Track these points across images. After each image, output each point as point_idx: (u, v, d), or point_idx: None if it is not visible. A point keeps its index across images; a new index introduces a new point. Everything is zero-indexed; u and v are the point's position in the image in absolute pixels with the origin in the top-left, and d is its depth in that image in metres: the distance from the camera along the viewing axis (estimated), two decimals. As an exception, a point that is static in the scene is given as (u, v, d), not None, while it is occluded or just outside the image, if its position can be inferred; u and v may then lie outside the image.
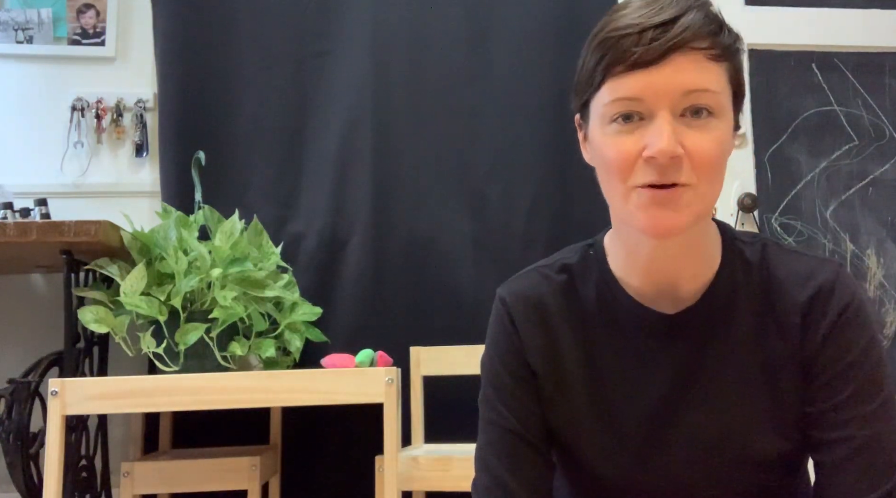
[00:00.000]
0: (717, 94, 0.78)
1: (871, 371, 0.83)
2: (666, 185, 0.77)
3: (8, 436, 1.66)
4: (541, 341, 0.92)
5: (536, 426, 0.92)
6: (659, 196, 0.77)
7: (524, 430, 0.91)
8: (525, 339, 0.93)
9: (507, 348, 0.94)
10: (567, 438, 0.93)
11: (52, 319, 1.92)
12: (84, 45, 2.22)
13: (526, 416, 0.92)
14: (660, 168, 0.76)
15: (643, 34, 0.76)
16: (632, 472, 0.90)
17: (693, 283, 0.87)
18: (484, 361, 0.97)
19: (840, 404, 0.83)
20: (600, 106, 0.81)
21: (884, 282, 2.26)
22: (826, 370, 0.84)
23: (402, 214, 2.13)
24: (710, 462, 0.87)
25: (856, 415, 0.82)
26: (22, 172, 2.16)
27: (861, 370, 0.83)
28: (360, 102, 2.15)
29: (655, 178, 0.77)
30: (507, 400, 0.92)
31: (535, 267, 0.97)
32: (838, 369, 0.83)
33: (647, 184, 0.77)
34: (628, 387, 0.89)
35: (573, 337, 0.92)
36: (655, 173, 0.77)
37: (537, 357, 0.92)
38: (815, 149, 2.30)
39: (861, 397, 0.82)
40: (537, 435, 0.92)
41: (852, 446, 0.82)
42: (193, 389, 1.53)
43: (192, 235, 1.77)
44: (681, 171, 0.77)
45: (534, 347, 0.92)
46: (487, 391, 0.95)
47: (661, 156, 0.75)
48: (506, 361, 0.93)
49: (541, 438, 0.92)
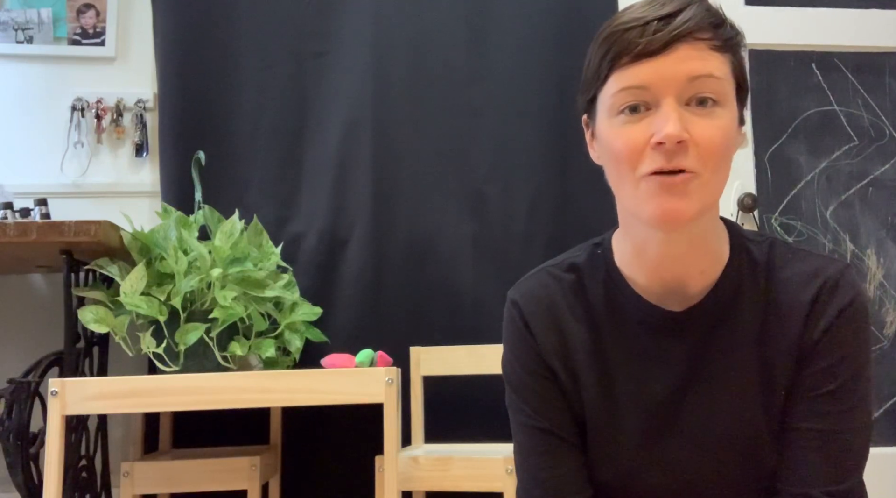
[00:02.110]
0: (721, 81, 0.80)
1: (858, 371, 0.85)
2: (673, 172, 0.78)
3: (8, 436, 1.66)
4: (554, 340, 0.94)
5: (564, 421, 0.93)
6: (667, 182, 0.78)
7: (553, 426, 0.93)
8: (539, 339, 0.94)
9: (523, 350, 0.95)
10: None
11: (52, 319, 1.92)
12: (84, 45, 2.22)
13: (552, 412, 0.93)
14: (667, 153, 0.78)
15: (647, 26, 0.79)
16: (636, 468, 0.90)
17: (700, 280, 0.88)
18: (503, 364, 0.98)
19: (820, 397, 0.84)
20: (607, 98, 0.82)
21: (884, 282, 2.26)
22: (816, 363, 0.85)
23: (402, 214, 2.13)
24: (713, 458, 0.88)
25: (832, 410, 0.84)
26: (22, 172, 2.16)
27: (849, 368, 0.84)
28: (360, 102, 2.15)
29: (662, 164, 0.78)
30: (530, 399, 0.94)
31: (544, 267, 0.99)
32: (827, 364, 0.85)
33: (655, 170, 0.78)
34: (635, 383, 0.90)
35: (583, 335, 0.93)
36: (662, 159, 0.78)
37: (552, 356, 0.93)
38: (815, 149, 2.30)
39: (841, 394, 0.84)
40: (567, 429, 0.93)
41: (822, 438, 0.84)
42: (193, 389, 1.53)
43: (192, 235, 1.76)
44: (687, 157, 0.78)
45: (548, 347, 0.94)
46: (511, 395, 0.97)
47: (669, 140, 0.77)
48: (524, 362, 0.95)
49: (571, 431, 0.93)
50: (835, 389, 0.84)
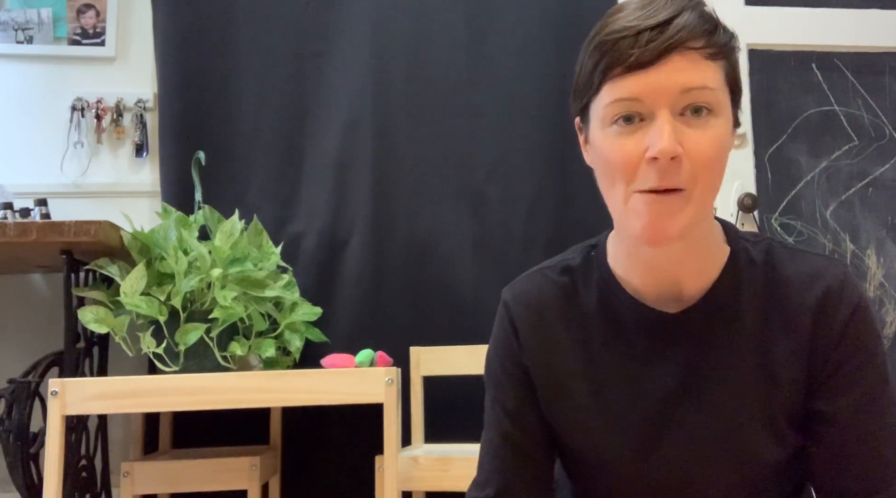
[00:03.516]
0: (714, 92, 0.79)
1: (880, 369, 0.85)
2: (666, 190, 0.78)
3: (8, 436, 1.66)
4: (540, 345, 0.93)
5: (532, 429, 0.94)
6: (656, 202, 0.78)
7: (518, 432, 0.94)
8: (524, 342, 0.94)
9: (505, 351, 0.96)
10: (569, 439, 0.93)
11: (52, 319, 1.92)
12: (84, 45, 2.22)
13: (521, 418, 0.94)
14: (660, 170, 0.77)
15: (639, 36, 0.77)
16: (632, 471, 0.90)
17: (696, 282, 0.88)
18: (486, 359, 0.99)
19: (848, 404, 0.84)
20: (600, 108, 0.81)
21: (884, 282, 2.26)
22: (838, 369, 0.85)
23: (402, 214, 2.13)
24: (710, 462, 0.88)
25: (862, 412, 0.84)
26: (22, 172, 2.16)
27: (873, 369, 0.85)
28: (360, 102, 2.15)
29: (655, 184, 0.78)
30: (503, 401, 0.95)
31: (539, 268, 0.99)
32: (849, 368, 0.85)
33: (648, 189, 0.78)
34: (630, 387, 0.90)
35: (574, 338, 0.93)
36: (656, 178, 0.77)
37: (536, 360, 0.93)
38: (815, 149, 2.30)
39: (870, 394, 0.84)
40: (532, 438, 0.94)
41: (857, 442, 0.84)
42: (193, 389, 1.53)
43: (192, 235, 1.77)
44: (680, 174, 0.77)
45: (533, 351, 0.94)
46: (488, 391, 0.98)
47: (663, 155, 0.76)
48: (503, 363, 0.96)
49: (536, 440, 0.94)
50: (863, 391, 0.84)
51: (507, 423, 0.94)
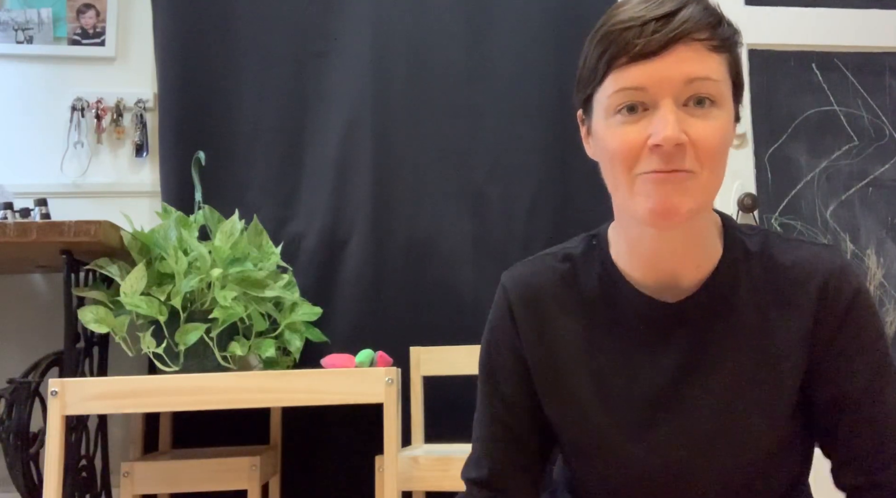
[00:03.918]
0: (718, 83, 0.80)
1: (883, 351, 0.87)
2: (673, 170, 0.78)
3: (8, 436, 1.66)
4: (536, 330, 0.94)
5: (522, 413, 0.95)
6: (662, 178, 0.78)
7: (507, 415, 0.95)
8: (520, 327, 0.95)
9: (501, 334, 0.97)
10: (567, 426, 0.94)
11: (52, 319, 1.92)
12: (84, 45, 2.22)
13: (511, 401, 0.95)
14: (665, 156, 0.78)
15: (645, 26, 0.78)
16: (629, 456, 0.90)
17: (695, 273, 0.88)
18: (482, 341, 1.00)
19: (855, 388, 0.86)
20: (604, 98, 0.82)
21: (884, 282, 2.26)
22: (841, 353, 0.86)
23: (402, 214, 2.13)
24: (707, 448, 0.88)
25: (871, 395, 0.86)
26: (22, 172, 2.16)
27: (876, 351, 0.86)
28: (360, 102, 2.15)
29: (660, 166, 0.78)
30: (495, 384, 0.97)
31: (541, 255, 1.00)
32: (853, 352, 0.86)
33: (652, 171, 0.79)
34: (629, 375, 0.90)
35: (573, 326, 0.93)
36: (660, 162, 0.78)
37: (532, 346, 0.94)
38: (815, 149, 2.30)
39: (877, 377, 0.86)
40: (522, 423, 0.95)
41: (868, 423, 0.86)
42: (193, 389, 1.53)
43: (192, 235, 1.77)
44: (685, 159, 0.78)
45: (528, 336, 0.94)
46: (481, 373, 0.99)
47: (667, 143, 0.77)
48: (498, 347, 0.97)
49: (525, 426, 0.95)
50: (868, 376, 0.86)
51: (499, 406, 0.95)
